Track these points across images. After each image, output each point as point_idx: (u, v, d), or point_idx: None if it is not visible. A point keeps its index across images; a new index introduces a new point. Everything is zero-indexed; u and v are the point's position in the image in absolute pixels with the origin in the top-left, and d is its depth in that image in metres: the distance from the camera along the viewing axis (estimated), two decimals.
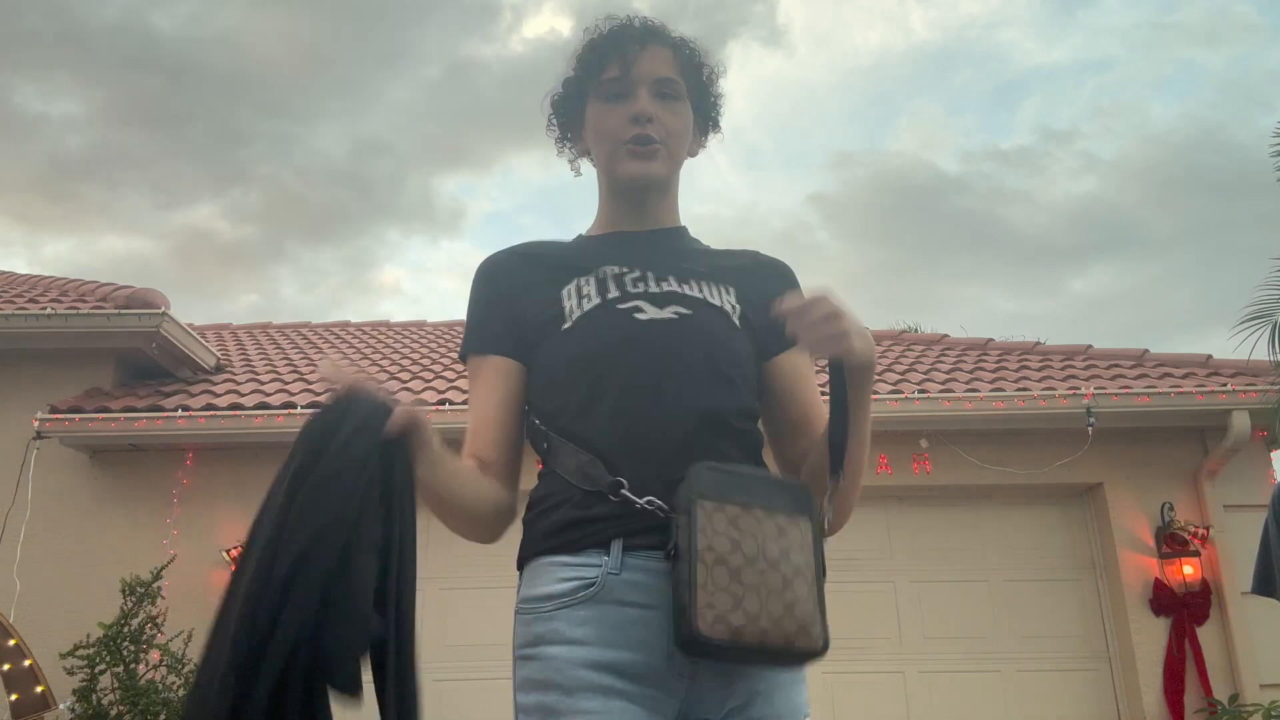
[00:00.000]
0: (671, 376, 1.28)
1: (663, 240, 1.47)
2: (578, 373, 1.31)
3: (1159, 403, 5.84)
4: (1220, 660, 5.70)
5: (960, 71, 37.89)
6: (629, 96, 1.39)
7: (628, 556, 1.19)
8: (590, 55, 1.42)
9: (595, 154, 1.47)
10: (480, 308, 1.42)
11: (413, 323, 10.06)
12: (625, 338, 1.31)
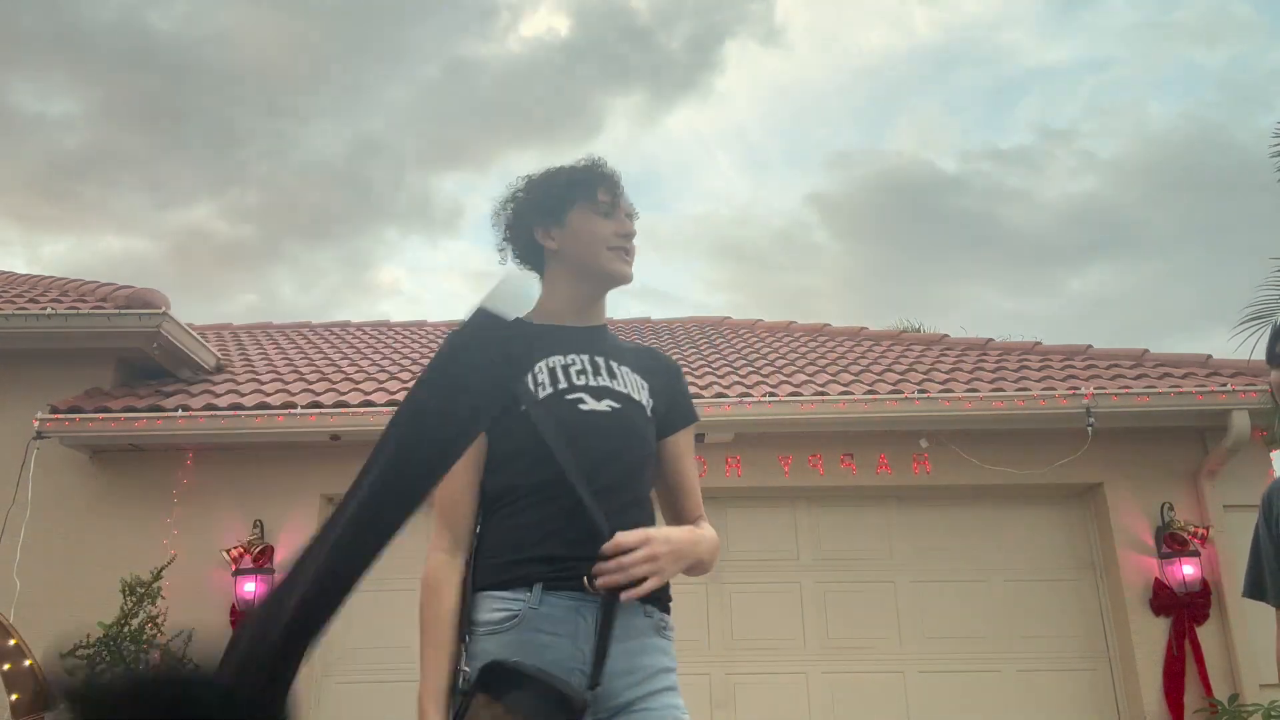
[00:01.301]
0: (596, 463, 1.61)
1: (597, 337, 1.77)
2: (530, 450, 1.61)
3: (1159, 403, 5.84)
4: (1220, 660, 5.70)
5: (960, 71, 37.89)
6: (616, 218, 1.74)
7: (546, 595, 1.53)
8: (588, 176, 1.74)
9: (576, 250, 1.74)
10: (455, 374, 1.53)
11: (413, 323, 10.06)
12: (568, 427, 1.62)
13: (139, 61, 27.44)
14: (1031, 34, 37.26)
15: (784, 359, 7.36)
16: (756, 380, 6.50)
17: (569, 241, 1.74)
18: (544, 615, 1.51)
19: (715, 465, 6.08)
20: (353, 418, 5.81)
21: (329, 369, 7.15)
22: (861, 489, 6.23)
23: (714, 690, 5.98)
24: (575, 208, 1.73)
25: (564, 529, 1.56)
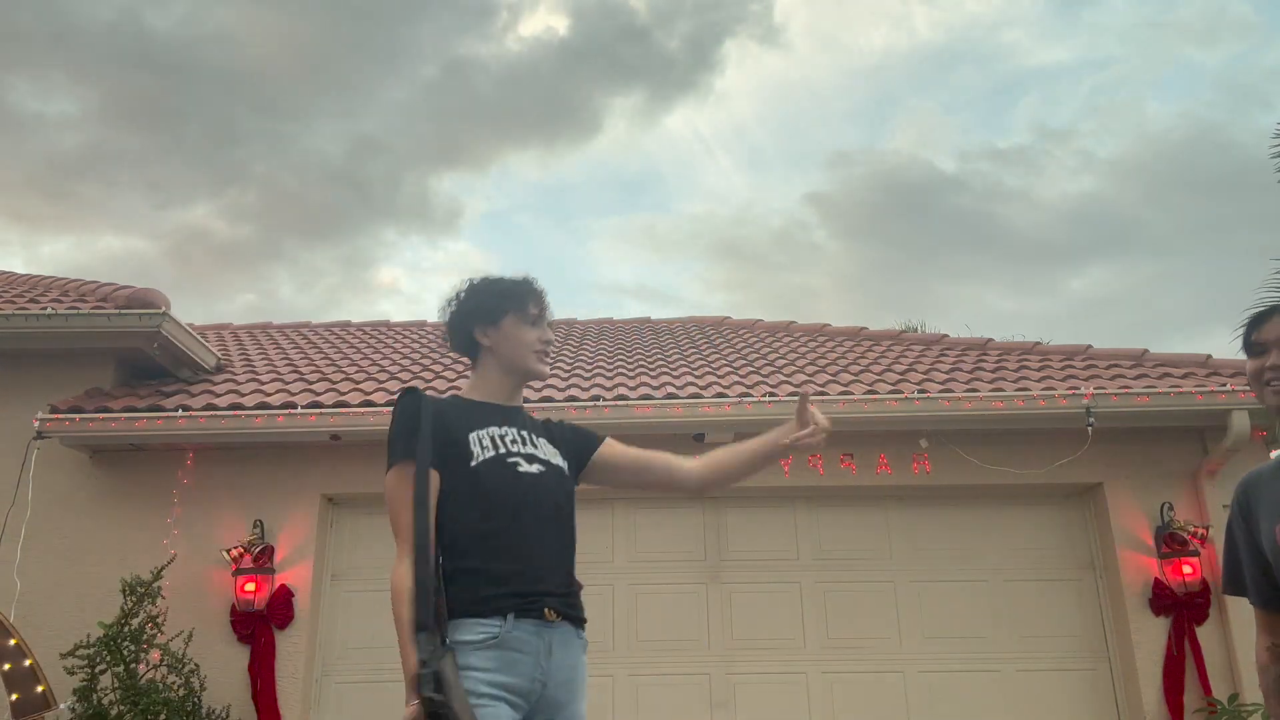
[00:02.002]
0: (538, 516, 2.08)
1: (519, 415, 2.20)
2: (478, 500, 2.00)
3: (1158, 403, 5.84)
4: (1220, 660, 5.70)
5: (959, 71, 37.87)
6: (541, 327, 2.18)
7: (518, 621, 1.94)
8: (521, 290, 2.18)
9: (506, 349, 2.16)
10: (421, 426, 2.00)
11: (413, 323, 10.06)
12: (512, 485, 2.05)
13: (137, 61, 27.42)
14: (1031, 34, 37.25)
15: (784, 359, 7.36)
16: (756, 380, 6.50)
17: (501, 342, 2.16)
18: (516, 637, 1.91)
19: None
20: (353, 418, 5.81)
21: (329, 369, 7.15)
22: (861, 489, 6.23)
23: (714, 690, 5.99)
24: (508, 315, 2.15)
25: (524, 570, 2.00)
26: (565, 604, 2.06)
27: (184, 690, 5.30)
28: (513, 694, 1.88)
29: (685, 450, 2.49)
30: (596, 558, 6.25)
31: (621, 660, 6.04)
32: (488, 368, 2.21)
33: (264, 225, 33.29)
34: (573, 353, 8.02)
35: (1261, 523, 1.90)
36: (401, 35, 30.49)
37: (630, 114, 36.86)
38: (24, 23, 24.72)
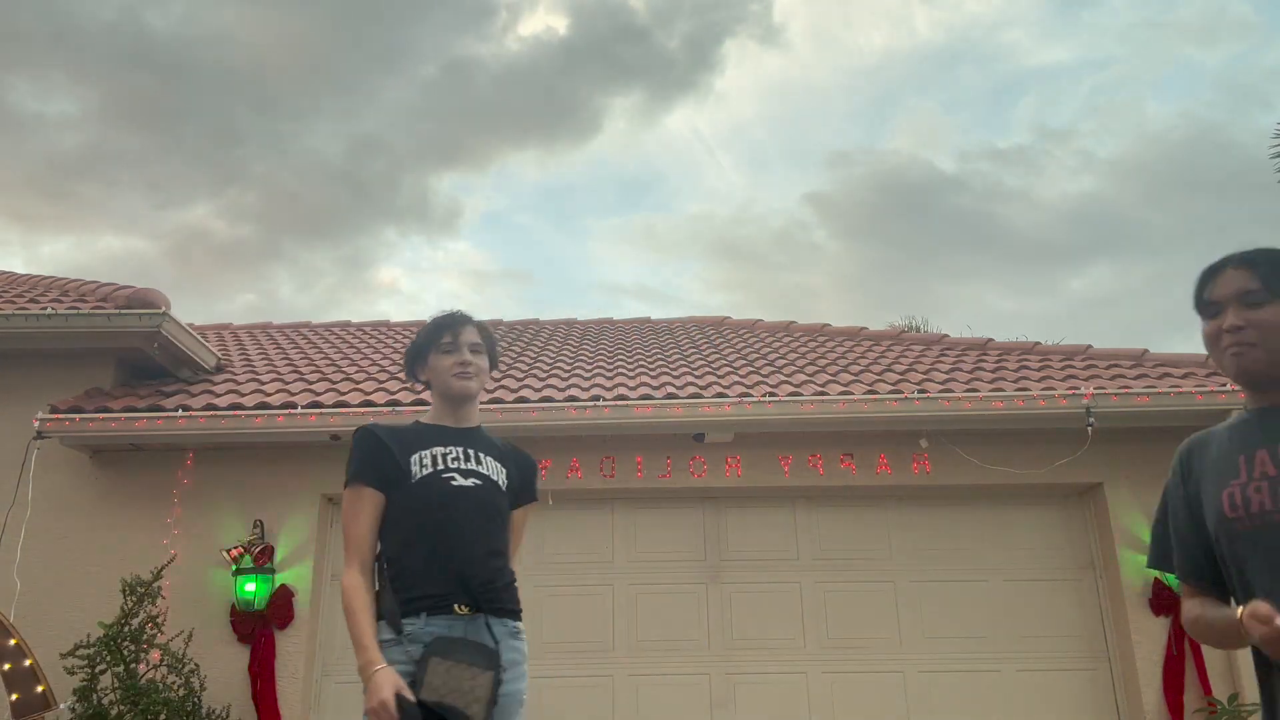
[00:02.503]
0: (466, 522, 2.41)
1: (469, 435, 2.55)
2: (413, 513, 2.39)
3: (1158, 403, 5.84)
4: (1220, 660, 5.70)
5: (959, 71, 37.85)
6: (456, 353, 2.52)
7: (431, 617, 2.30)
8: (437, 327, 2.57)
9: (435, 380, 2.56)
10: (369, 457, 2.42)
11: (413, 323, 10.05)
12: (443, 495, 2.41)
13: (137, 61, 27.42)
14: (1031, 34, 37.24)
15: (784, 359, 7.36)
16: (756, 380, 6.50)
17: (432, 375, 2.58)
18: (428, 632, 2.27)
19: (715, 465, 6.08)
20: (353, 418, 5.80)
21: (329, 369, 7.15)
22: (861, 489, 6.23)
23: (714, 690, 5.99)
24: (431, 352, 2.57)
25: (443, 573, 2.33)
26: (483, 599, 2.37)
27: (184, 690, 5.30)
28: None
29: (685, 450, 2.50)
30: (596, 558, 6.25)
31: (621, 660, 6.04)
32: (434, 397, 2.63)
33: (264, 225, 33.30)
34: (573, 353, 8.02)
35: (1207, 487, 1.70)
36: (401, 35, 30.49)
37: (630, 114, 36.86)
38: (24, 23, 24.73)
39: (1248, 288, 1.68)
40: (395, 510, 2.40)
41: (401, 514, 2.39)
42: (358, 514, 2.38)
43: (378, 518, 2.39)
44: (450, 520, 2.38)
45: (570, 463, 6.11)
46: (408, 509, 2.38)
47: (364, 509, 2.38)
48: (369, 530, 2.37)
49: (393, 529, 2.39)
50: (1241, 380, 1.70)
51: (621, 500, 6.32)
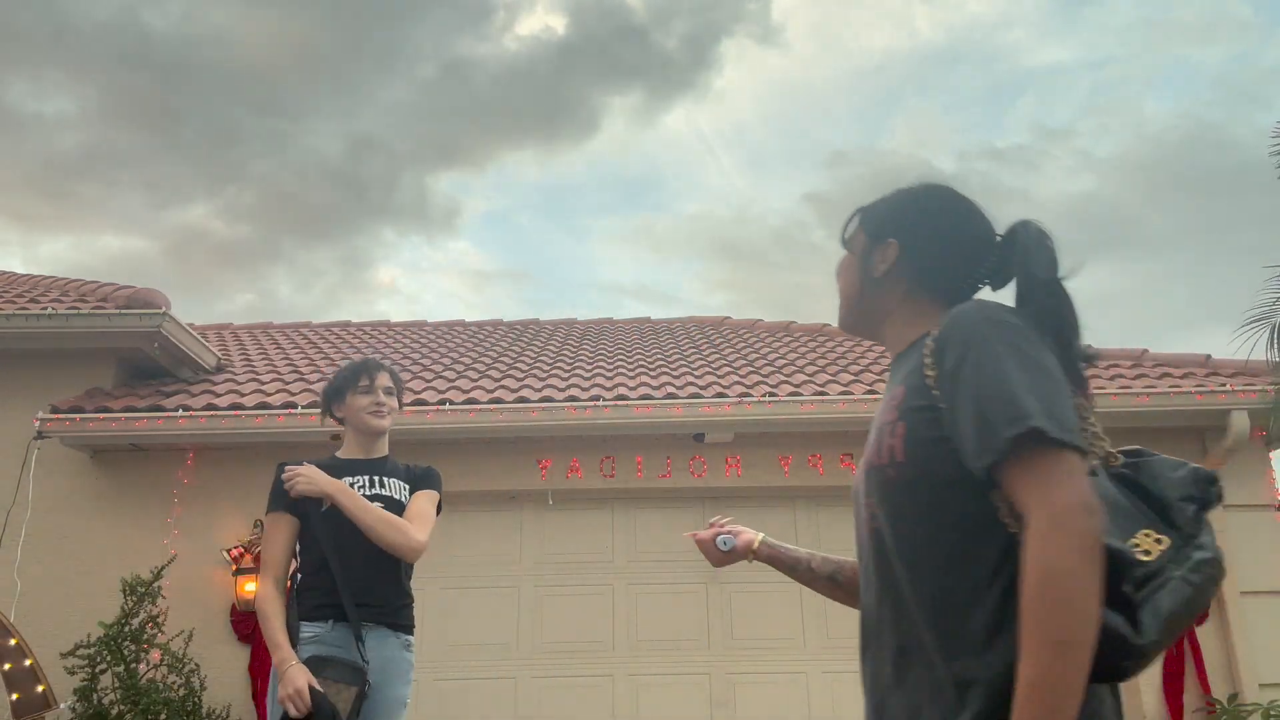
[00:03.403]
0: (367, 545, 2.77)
1: (377, 465, 2.97)
2: (321, 538, 2.78)
3: (1158, 403, 5.85)
4: (1220, 660, 5.70)
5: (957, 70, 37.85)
6: (372, 393, 2.96)
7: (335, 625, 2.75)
8: (355, 370, 2.99)
9: (350, 417, 2.98)
10: (283, 489, 2.83)
11: (413, 323, 10.07)
12: (347, 526, 2.77)
13: (135, 60, 27.38)
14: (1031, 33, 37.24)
15: (784, 359, 7.37)
16: (756, 380, 6.50)
17: (347, 413, 3.00)
18: (334, 636, 2.70)
19: (715, 465, 6.08)
20: None
21: (329, 369, 7.16)
22: None
23: (714, 690, 5.99)
24: (349, 392, 2.98)
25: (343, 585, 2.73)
26: (380, 614, 2.77)
27: (184, 690, 5.30)
28: None
29: (685, 450, 2.50)
30: (596, 558, 6.25)
31: (621, 660, 6.04)
32: (347, 433, 3.04)
33: (262, 225, 33.26)
34: (573, 353, 8.02)
35: None
36: (399, 35, 30.48)
37: (629, 113, 36.81)
38: (22, 22, 24.71)
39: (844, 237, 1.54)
40: (307, 536, 2.82)
41: (313, 539, 2.80)
42: (273, 537, 2.82)
43: (292, 540, 2.82)
44: (350, 544, 2.76)
45: (570, 463, 6.11)
46: (317, 535, 2.79)
47: (279, 533, 2.82)
48: (283, 551, 2.81)
49: (305, 551, 2.82)
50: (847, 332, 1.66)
51: (621, 500, 6.32)
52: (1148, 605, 1.08)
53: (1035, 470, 1.10)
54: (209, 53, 27.06)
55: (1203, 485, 1.19)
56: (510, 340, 8.74)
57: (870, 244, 1.48)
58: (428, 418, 5.86)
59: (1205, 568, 1.12)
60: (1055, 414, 1.12)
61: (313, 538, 2.80)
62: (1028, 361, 1.17)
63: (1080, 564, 1.04)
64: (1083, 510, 1.07)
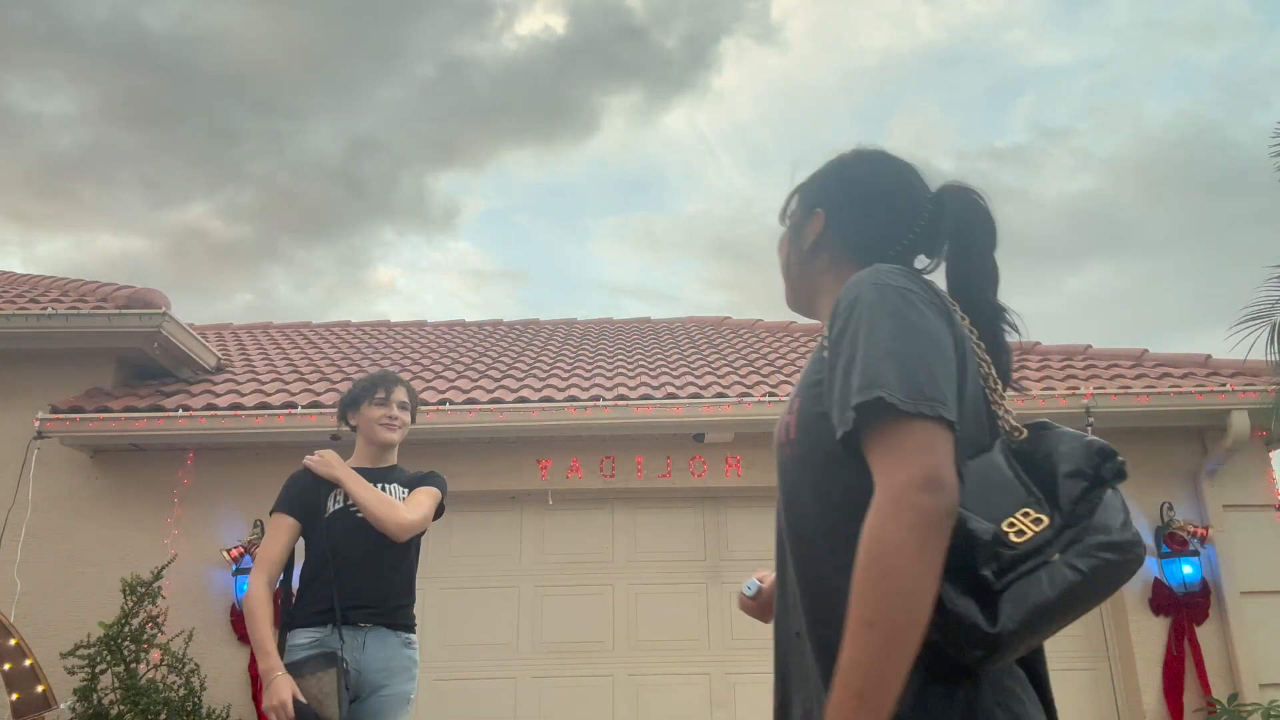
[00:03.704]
0: (366, 550, 2.90)
1: (384, 473, 3.07)
2: (324, 543, 2.89)
3: (1158, 403, 5.85)
4: (1220, 660, 5.71)
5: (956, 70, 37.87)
6: (386, 406, 3.08)
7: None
8: (371, 382, 3.12)
9: (363, 427, 3.10)
10: (290, 493, 2.98)
11: (413, 323, 10.07)
12: (349, 528, 2.91)
13: (133, 60, 27.38)
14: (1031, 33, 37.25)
15: (784, 359, 7.37)
16: (756, 380, 6.50)
17: (360, 422, 3.11)
18: (334, 639, 2.78)
19: (715, 465, 6.08)
20: None
21: (329, 369, 7.16)
22: None
23: (714, 690, 5.99)
24: (364, 403, 3.09)
25: (344, 590, 2.82)
26: (379, 614, 2.85)
27: (184, 690, 5.30)
28: None
29: (685, 450, 2.50)
30: (596, 558, 6.25)
31: (621, 660, 6.04)
32: (359, 441, 3.13)
33: (261, 224, 33.27)
34: (573, 353, 8.02)
35: None
36: (398, 34, 30.48)
37: (628, 113, 36.84)
38: (20, 22, 24.71)
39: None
40: (310, 540, 2.91)
41: (315, 544, 2.89)
42: (273, 538, 2.91)
43: (291, 542, 2.92)
44: (351, 549, 2.87)
45: (570, 463, 6.11)
46: (320, 540, 2.88)
47: (279, 534, 2.90)
48: (280, 552, 2.89)
49: (311, 555, 2.90)
50: None
51: (621, 500, 6.32)
52: (1010, 592, 0.99)
53: (883, 442, 1.03)
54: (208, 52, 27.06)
55: (1094, 460, 1.07)
56: (510, 340, 8.74)
57: (801, 218, 1.43)
58: (428, 418, 5.86)
59: (1100, 553, 1.02)
60: (912, 382, 1.04)
61: (316, 542, 2.88)
62: (903, 327, 1.09)
63: (910, 542, 0.96)
64: (924, 485, 0.98)
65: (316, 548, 2.89)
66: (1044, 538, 1.02)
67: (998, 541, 1.01)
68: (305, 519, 2.92)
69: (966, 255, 1.32)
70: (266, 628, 2.75)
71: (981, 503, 1.05)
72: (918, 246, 1.37)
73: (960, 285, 1.30)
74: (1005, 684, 1.08)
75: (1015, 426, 1.16)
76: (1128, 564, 1.05)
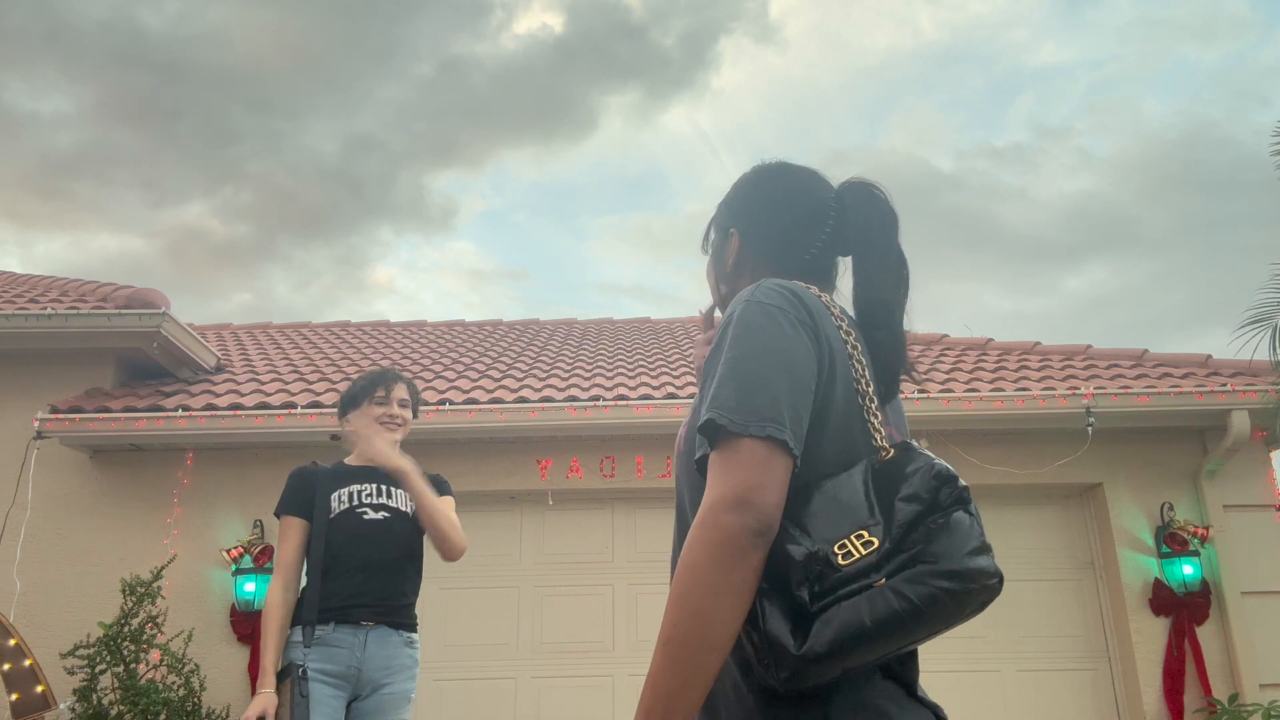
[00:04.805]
0: (369, 551, 2.89)
1: (384, 473, 2.97)
2: (329, 543, 2.88)
3: (1158, 403, 5.85)
4: (1220, 660, 5.70)
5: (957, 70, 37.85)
6: (387, 405, 3.02)
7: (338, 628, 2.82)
8: (371, 381, 3.06)
9: (360, 428, 3.01)
10: (295, 493, 2.95)
11: (412, 323, 10.07)
12: (353, 529, 2.90)
13: (131, 59, 27.36)
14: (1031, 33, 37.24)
15: None
16: None
17: (359, 421, 3.03)
18: (335, 637, 2.79)
19: None
20: None
21: (329, 369, 7.15)
22: None
23: None
24: (365, 401, 3.03)
25: (346, 589, 2.82)
26: (381, 613, 2.84)
27: (184, 690, 5.30)
28: (331, 676, 2.75)
29: None
30: (596, 558, 6.25)
31: (622, 660, 6.04)
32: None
33: (259, 224, 33.28)
34: (573, 353, 8.02)
35: None
36: (396, 33, 30.47)
37: (626, 112, 36.84)
38: (17, 21, 24.71)
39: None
40: (316, 539, 2.90)
41: (321, 544, 2.89)
42: (286, 540, 2.90)
43: (304, 542, 2.90)
44: (358, 550, 2.86)
45: (570, 463, 6.11)
46: (326, 540, 2.88)
47: (291, 536, 2.90)
48: (295, 555, 2.88)
49: (314, 555, 2.89)
50: None
51: (621, 500, 6.32)
52: (825, 615, 0.97)
53: (714, 463, 1.04)
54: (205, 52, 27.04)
55: (932, 484, 1.05)
56: (510, 340, 8.74)
57: (720, 240, 1.47)
58: (428, 418, 5.86)
59: (933, 580, 0.99)
60: (748, 403, 1.04)
61: (318, 541, 2.88)
62: (756, 346, 1.09)
63: (708, 562, 0.96)
64: (730, 505, 0.98)
65: (318, 549, 2.88)
66: (868, 561, 1.00)
67: (820, 562, 1.00)
68: (312, 519, 2.92)
69: (865, 253, 1.31)
70: (272, 641, 2.75)
71: (825, 521, 1.04)
72: (833, 248, 1.36)
73: (861, 284, 1.30)
74: (868, 701, 1.04)
75: (882, 446, 1.14)
76: (969, 594, 1.03)
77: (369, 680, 2.82)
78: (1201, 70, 36.60)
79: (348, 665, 2.79)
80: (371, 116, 32.26)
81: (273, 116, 30.80)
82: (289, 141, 31.97)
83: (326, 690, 2.73)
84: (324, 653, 2.76)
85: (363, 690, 2.82)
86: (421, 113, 32.98)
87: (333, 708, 2.74)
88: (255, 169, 31.56)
